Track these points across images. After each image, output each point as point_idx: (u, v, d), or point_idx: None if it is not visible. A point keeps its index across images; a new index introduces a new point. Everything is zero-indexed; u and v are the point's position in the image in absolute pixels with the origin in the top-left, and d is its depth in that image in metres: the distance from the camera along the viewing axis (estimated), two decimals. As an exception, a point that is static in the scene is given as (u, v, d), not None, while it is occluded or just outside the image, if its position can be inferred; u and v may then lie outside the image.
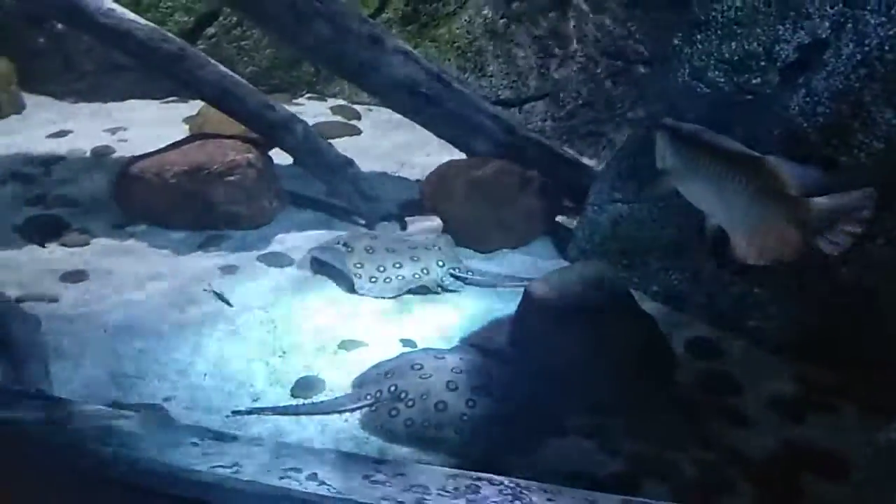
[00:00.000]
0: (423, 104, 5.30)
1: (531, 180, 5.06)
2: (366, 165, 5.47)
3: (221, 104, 5.11)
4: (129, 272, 4.33)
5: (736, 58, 3.71)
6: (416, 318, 4.07)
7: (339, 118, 7.00)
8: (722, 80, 3.77)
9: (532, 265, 4.71)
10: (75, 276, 4.27)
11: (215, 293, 4.02)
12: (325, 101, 7.42)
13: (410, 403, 3.25)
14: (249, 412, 3.29)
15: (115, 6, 4.91)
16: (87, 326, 3.80)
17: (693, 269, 4.26)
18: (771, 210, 2.36)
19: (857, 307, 3.65)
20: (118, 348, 3.67)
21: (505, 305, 4.14)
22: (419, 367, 3.40)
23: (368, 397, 3.34)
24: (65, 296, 4.08)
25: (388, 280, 4.25)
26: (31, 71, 7.01)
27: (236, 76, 5.18)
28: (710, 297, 4.18)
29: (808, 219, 2.30)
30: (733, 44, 3.70)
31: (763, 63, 3.63)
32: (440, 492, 2.02)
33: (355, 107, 7.20)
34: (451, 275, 4.38)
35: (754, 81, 3.67)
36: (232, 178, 4.79)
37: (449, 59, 7.00)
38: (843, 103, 3.38)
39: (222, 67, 5.13)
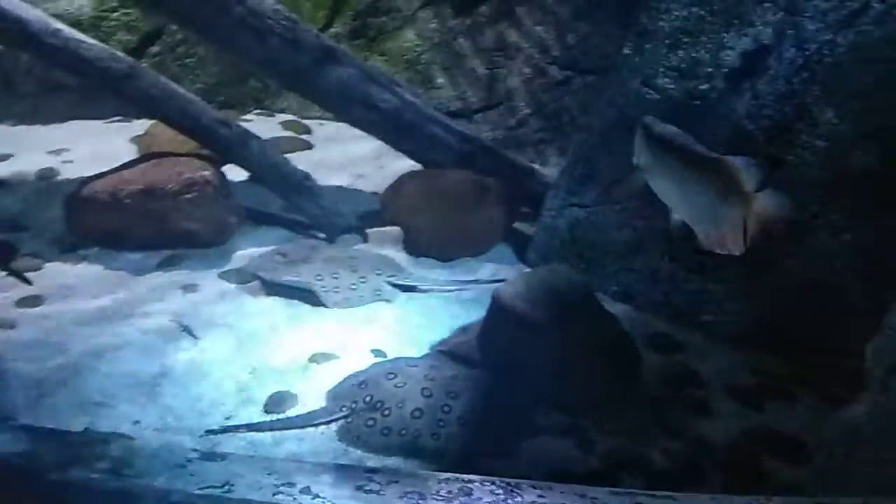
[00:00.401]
0: (378, 117, 5.35)
1: (489, 189, 5.15)
2: (321, 179, 5.48)
3: (174, 122, 5.06)
4: (87, 295, 4.25)
5: (684, 65, 3.87)
6: (384, 327, 4.09)
7: (290, 133, 6.99)
8: (672, 86, 3.92)
9: (493, 271, 4.80)
10: (31, 302, 4.17)
11: (181, 326, 3.93)
12: (274, 116, 7.39)
13: (387, 413, 3.28)
14: (223, 431, 3.26)
15: (61, 26, 4.83)
16: (48, 352, 3.71)
17: (650, 269, 4.40)
18: (730, 205, 2.50)
19: (806, 299, 3.82)
20: (83, 373, 3.59)
21: (470, 311, 4.20)
22: (393, 376, 3.42)
23: (344, 409, 3.35)
24: (21, 322, 3.98)
25: (324, 290, 4.25)
26: (-36, 95, 6.81)
27: (189, 94, 5.14)
28: (666, 294, 4.32)
29: (753, 211, 2.46)
30: (681, 52, 3.86)
31: (710, 69, 3.79)
32: (434, 497, 2.05)
33: (305, 121, 7.19)
34: (390, 283, 4.39)
35: (702, 87, 3.82)
36: (189, 196, 4.75)
37: (398, 72, 7.05)
38: (787, 105, 3.56)
39: (174, 85, 5.09)
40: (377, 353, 3.85)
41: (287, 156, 5.52)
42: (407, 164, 5.74)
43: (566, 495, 2.17)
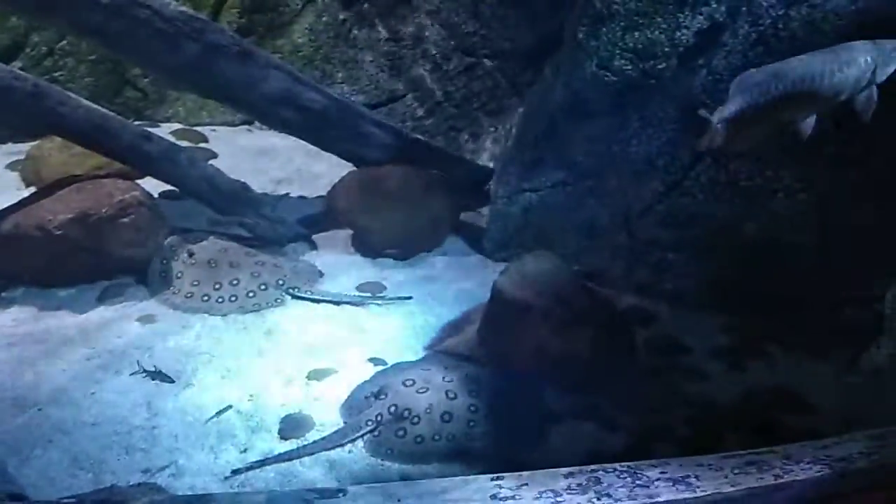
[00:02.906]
0: (309, 118, 5.15)
1: (434, 182, 5.12)
2: (240, 188, 5.17)
3: (92, 141, 4.62)
4: (33, 342, 3.82)
5: (640, 46, 4.01)
6: (372, 336, 3.98)
7: (186, 143, 6.55)
8: (628, 67, 4.06)
9: (457, 264, 4.78)
10: (-31, 357, 3.68)
11: (146, 371, 3.55)
12: (159, 126, 6.90)
13: (416, 420, 3.20)
14: (249, 468, 3.05)
15: (-53, 43, 4.26)
16: (16, 409, 3.31)
17: (610, 245, 4.55)
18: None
19: (764, 259, 4.10)
20: (63, 426, 3.24)
21: (447, 312, 4.17)
22: (412, 382, 3.34)
23: (370, 423, 3.23)
24: (-31, 380, 3.51)
25: (220, 300, 4.16)
26: None
27: (102, 109, 4.72)
28: (628, 268, 4.49)
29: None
30: (637, 33, 4.00)
31: (666, 49, 3.96)
32: (568, 491, 2.04)
33: (196, 129, 6.79)
34: (290, 293, 4.30)
35: (659, 66, 3.98)
36: (125, 220, 4.37)
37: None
38: (743, 79, 3.76)
39: (85, 101, 4.65)
40: (375, 360, 3.74)
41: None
42: (323, 164, 5.60)
43: (685, 467, 2.24)
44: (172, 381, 3.49)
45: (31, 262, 4.27)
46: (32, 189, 4.86)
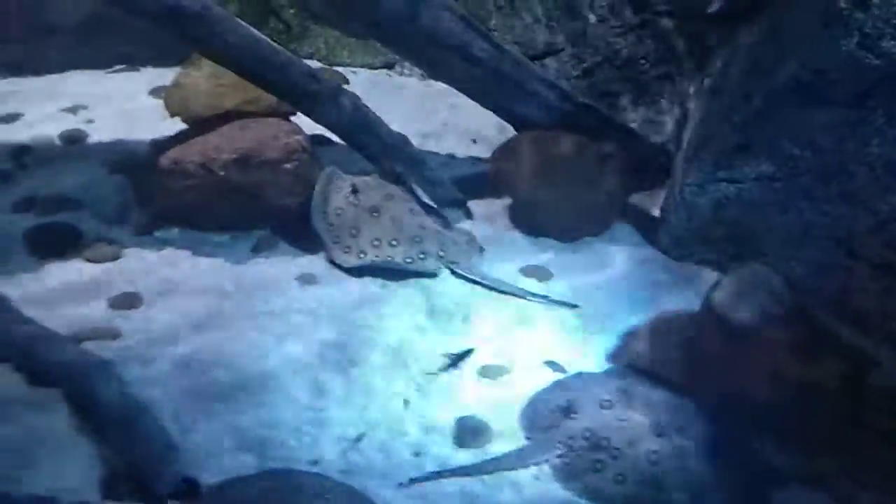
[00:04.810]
0: (475, 71, 4.67)
1: (609, 156, 4.58)
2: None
3: (256, 75, 4.28)
4: (190, 291, 3.57)
5: (928, 27, 3.31)
6: (543, 334, 3.53)
7: (329, 84, 6.14)
8: (904, 52, 3.36)
9: (628, 257, 4.23)
10: (127, 301, 3.46)
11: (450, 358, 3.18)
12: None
13: (615, 454, 2.78)
14: (428, 478, 2.71)
15: (117, -43, 3.94)
16: (179, 369, 3.06)
17: (822, 262, 3.93)
18: None
19: None
20: (228, 395, 2.97)
21: (624, 316, 3.65)
22: (609, 404, 2.91)
23: (560, 446, 2.83)
24: (126, 328, 3.28)
25: (376, 258, 3.77)
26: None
27: (268, 40, 4.35)
28: (844, 293, 3.85)
29: None
30: (926, 10, 3.30)
31: (967, 38, 3.25)
32: None
33: (336, 69, 6.37)
34: (449, 268, 3.87)
35: (950, 59, 3.29)
36: (288, 165, 4.05)
37: (447, 11, 6.25)
38: None
39: (254, 30, 4.29)
40: (552, 365, 3.33)
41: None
42: (472, 119, 5.12)
43: None
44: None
45: (188, 201, 4.02)
46: (177, 119, 4.57)
